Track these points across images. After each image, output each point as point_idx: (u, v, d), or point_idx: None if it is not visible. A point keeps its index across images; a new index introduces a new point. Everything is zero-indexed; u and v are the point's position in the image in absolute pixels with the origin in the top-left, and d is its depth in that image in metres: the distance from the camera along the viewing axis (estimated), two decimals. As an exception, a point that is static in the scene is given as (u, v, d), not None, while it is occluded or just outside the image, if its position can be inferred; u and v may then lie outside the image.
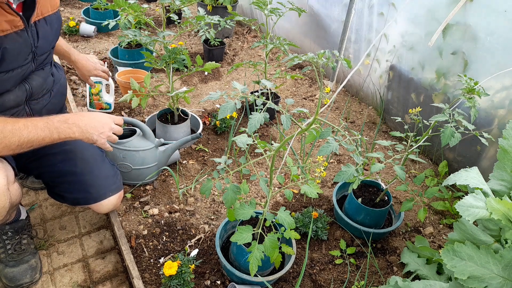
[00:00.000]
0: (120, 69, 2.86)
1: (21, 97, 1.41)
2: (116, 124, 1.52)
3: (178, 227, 1.87)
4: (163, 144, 2.02)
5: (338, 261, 1.79)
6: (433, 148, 2.44)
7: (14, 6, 1.27)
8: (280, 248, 1.44)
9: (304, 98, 3.06)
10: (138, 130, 1.92)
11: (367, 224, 1.85)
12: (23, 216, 1.67)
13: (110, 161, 1.76)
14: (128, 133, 1.96)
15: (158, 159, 1.97)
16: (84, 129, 1.38)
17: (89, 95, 2.56)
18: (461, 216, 1.09)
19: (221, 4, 3.77)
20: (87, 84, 2.69)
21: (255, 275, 1.49)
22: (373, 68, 2.80)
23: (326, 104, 2.26)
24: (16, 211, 1.60)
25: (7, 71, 1.29)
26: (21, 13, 1.28)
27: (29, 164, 1.61)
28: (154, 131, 2.42)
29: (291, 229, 1.40)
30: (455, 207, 1.09)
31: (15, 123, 1.23)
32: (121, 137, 1.83)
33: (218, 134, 2.55)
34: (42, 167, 1.62)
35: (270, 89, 2.65)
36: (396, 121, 2.34)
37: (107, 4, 3.56)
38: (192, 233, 1.86)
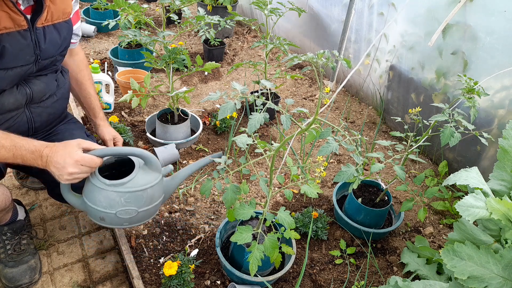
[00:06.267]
0: (120, 69, 2.86)
1: (21, 100, 1.41)
2: (82, 165, 1.25)
3: (178, 227, 1.87)
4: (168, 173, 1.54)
5: (338, 261, 1.79)
6: (433, 148, 2.44)
7: (22, 7, 1.28)
8: (280, 248, 1.44)
9: (304, 98, 3.06)
10: (136, 159, 1.42)
11: (367, 224, 1.85)
12: (21, 216, 1.66)
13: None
14: (124, 160, 1.47)
15: (165, 190, 1.51)
16: (49, 164, 1.27)
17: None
18: (461, 216, 1.09)
19: (221, 4, 3.77)
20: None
21: (255, 275, 1.49)
22: (373, 68, 2.80)
23: (326, 104, 2.26)
24: (11, 212, 1.60)
25: (6, 68, 1.30)
26: (27, 15, 1.30)
27: None
28: (154, 131, 2.42)
29: (291, 229, 1.40)
30: (455, 207, 1.09)
31: None
32: (116, 172, 1.46)
33: (218, 134, 2.55)
34: None
35: (270, 89, 2.65)
36: (396, 121, 2.34)
37: (107, 4, 3.56)
38: (192, 233, 1.86)
